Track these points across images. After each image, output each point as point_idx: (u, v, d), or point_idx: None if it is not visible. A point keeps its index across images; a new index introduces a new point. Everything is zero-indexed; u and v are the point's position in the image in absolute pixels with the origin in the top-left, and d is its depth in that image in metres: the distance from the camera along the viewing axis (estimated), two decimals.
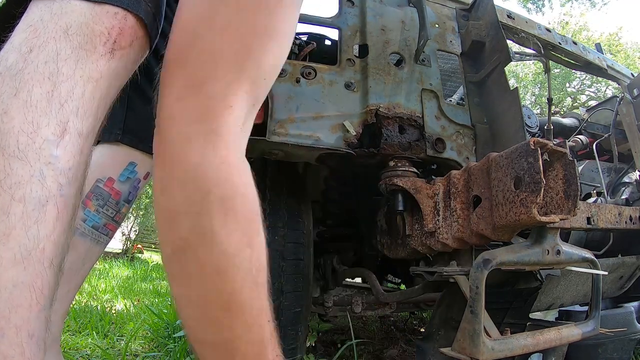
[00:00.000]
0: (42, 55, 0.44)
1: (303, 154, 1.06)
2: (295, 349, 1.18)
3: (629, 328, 1.13)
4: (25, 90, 0.43)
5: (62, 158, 0.44)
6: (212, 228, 0.46)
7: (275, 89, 0.99)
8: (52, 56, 0.44)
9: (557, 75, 11.90)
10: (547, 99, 1.38)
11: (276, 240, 1.18)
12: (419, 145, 1.06)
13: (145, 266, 6.38)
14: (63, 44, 0.45)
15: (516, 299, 1.08)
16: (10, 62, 0.43)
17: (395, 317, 2.55)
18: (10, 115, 0.41)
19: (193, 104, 0.47)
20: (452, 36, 1.24)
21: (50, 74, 0.44)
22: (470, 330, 0.71)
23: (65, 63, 0.45)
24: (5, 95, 0.42)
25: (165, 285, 4.24)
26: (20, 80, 0.43)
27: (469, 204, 0.82)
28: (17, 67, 0.43)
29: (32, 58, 0.44)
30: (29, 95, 0.43)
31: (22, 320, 0.41)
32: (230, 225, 0.47)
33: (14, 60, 0.43)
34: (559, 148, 0.74)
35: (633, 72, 1.89)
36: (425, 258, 1.03)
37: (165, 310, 1.97)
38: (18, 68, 0.43)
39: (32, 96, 0.43)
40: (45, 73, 0.44)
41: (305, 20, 1.13)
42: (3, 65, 0.43)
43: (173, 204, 0.47)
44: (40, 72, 0.43)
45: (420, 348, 1.06)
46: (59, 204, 0.44)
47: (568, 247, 0.81)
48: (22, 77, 0.43)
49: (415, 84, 1.11)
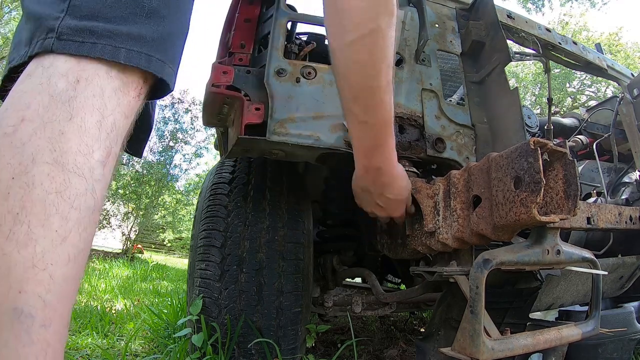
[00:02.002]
0: (89, 89, 0.53)
1: (303, 154, 1.06)
2: (295, 349, 1.18)
3: (629, 328, 1.13)
4: (79, 117, 0.51)
5: (106, 176, 0.55)
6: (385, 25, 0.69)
7: (276, 88, 0.99)
8: (99, 92, 0.54)
9: (557, 75, 11.90)
10: (547, 99, 1.38)
11: (276, 240, 1.18)
12: (419, 145, 1.06)
13: (145, 266, 6.38)
14: (106, 82, 0.55)
15: (516, 299, 1.08)
16: (60, 88, 0.51)
17: (395, 317, 2.55)
18: (67, 137, 0.50)
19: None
20: (452, 36, 1.24)
21: (99, 107, 0.53)
22: (470, 330, 0.71)
23: (109, 100, 0.55)
24: (61, 118, 0.50)
25: (165, 285, 4.24)
26: (74, 108, 0.51)
27: (469, 204, 0.82)
28: (68, 94, 0.51)
29: (80, 89, 0.52)
30: (82, 121, 0.51)
31: (65, 311, 0.49)
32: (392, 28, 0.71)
33: (63, 87, 0.51)
34: (559, 148, 0.74)
35: (633, 72, 1.89)
36: (425, 258, 1.03)
37: (165, 310, 1.97)
38: (69, 95, 0.51)
39: (85, 123, 0.52)
40: (95, 105, 0.53)
41: (305, 20, 1.13)
42: (53, 88, 0.51)
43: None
44: (90, 104, 0.52)
45: (420, 348, 1.06)
46: (99, 212, 0.54)
47: (568, 247, 0.81)
48: (74, 105, 0.51)
49: (415, 83, 1.11)
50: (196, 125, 11.34)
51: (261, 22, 1.16)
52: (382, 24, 0.68)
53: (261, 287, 1.14)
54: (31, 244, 0.45)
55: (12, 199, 0.46)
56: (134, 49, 0.57)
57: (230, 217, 1.19)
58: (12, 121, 0.49)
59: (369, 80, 0.73)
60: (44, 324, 0.46)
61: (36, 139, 0.48)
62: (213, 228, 1.18)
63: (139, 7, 0.58)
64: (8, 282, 0.44)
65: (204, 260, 1.15)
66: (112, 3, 0.56)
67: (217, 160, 1.66)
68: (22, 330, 0.44)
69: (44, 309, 0.46)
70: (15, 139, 0.48)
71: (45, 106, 0.50)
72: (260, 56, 1.11)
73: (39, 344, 0.45)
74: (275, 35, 1.04)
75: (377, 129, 0.78)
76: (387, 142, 0.81)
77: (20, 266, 0.44)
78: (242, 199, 1.21)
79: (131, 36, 0.57)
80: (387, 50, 0.71)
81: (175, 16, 0.63)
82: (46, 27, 0.54)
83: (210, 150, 12.75)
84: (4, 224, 0.45)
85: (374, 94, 0.74)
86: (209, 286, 1.13)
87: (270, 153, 1.05)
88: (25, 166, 0.47)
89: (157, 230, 16.47)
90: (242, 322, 1.11)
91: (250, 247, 1.16)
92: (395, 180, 0.87)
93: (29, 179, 0.46)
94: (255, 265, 1.14)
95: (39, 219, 0.46)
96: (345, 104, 0.79)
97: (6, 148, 0.47)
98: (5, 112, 0.50)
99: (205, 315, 1.12)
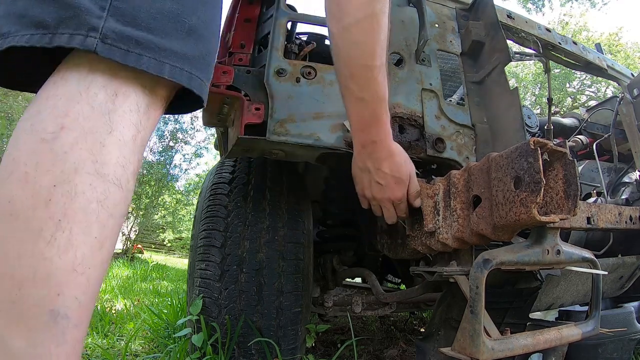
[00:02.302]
0: (126, 104, 0.55)
1: (303, 154, 1.06)
2: (295, 348, 1.18)
3: (629, 328, 1.13)
4: (118, 131, 0.53)
5: (134, 186, 0.58)
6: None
7: (276, 88, 0.99)
8: (135, 108, 0.56)
9: (557, 75, 11.90)
10: (547, 99, 1.38)
11: (276, 240, 1.18)
12: (419, 145, 1.06)
13: (145, 266, 6.38)
14: (141, 98, 0.57)
15: (516, 299, 1.08)
16: (100, 100, 0.52)
17: (395, 317, 2.55)
18: (107, 149, 0.52)
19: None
20: (452, 36, 1.24)
21: (135, 122, 0.55)
22: (470, 330, 0.71)
23: (143, 116, 0.57)
24: (102, 130, 0.51)
25: (165, 285, 4.25)
26: (113, 121, 0.53)
27: (469, 204, 0.82)
28: (107, 107, 0.53)
29: (119, 102, 0.54)
30: (121, 135, 0.53)
31: (92, 309, 0.52)
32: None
33: (103, 99, 0.52)
34: (559, 148, 0.74)
35: (633, 72, 1.89)
36: (425, 258, 1.03)
37: (165, 310, 1.97)
38: (108, 108, 0.53)
39: (124, 137, 0.54)
40: (132, 120, 0.55)
41: (305, 20, 1.13)
42: (93, 99, 0.52)
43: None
44: (127, 119, 0.54)
45: (420, 348, 1.06)
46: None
47: (568, 247, 0.81)
48: (114, 118, 0.53)
49: (415, 83, 1.11)
50: (196, 125, 11.36)
51: (261, 22, 1.16)
52: (376, 10, 0.78)
53: (261, 287, 1.14)
54: (72, 249, 0.47)
55: (53, 206, 0.47)
56: (177, 65, 0.58)
57: (230, 217, 1.19)
58: (51, 127, 0.49)
59: (364, 60, 0.81)
60: (77, 324, 0.48)
61: (78, 149, 0.49)
62: (213, 228, 1.18)
63: (180, 23, 0.59)
64: (47, 285, 0.46)
65: (204, 260, 1.15)
66: (155, 13, 0.56)
67: (217, 160, 1.66)
68: (58, 331, 0.46)
69: (79, 310, 0.48)
70: (55, 146, 0.49)
71: (86, 117, 0.51)
72: (260, 56, 1.11)
73: (71, 342, 0.47)
74: (275, 35, 1.04)
75: (372, 105, 0.85)
76: (382, 118, 0.87)
77: (60, 271, 0.46)
78: (242, 199, 1.21)
79: (174, 52, 0.58)
80: (381, 34, 0.80)
81: (210, 36, 0.65)
82: (87, 22, 0.51)
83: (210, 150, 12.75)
84: (45, 230, 0.46)
85: (370, 71, 0.82)
86: (209, 286, 1.13)
87: (270, 153, 1.05)
88: (67, 175, 0.48)
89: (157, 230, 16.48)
90: (242, 322, 1.11)
91: (250, 247, 1.16)
92: (392, 155, 0.91)
93: (72, 188, 0.48)
94: (255, 265, 1.14)
95: (81, 227, 0.48)
96: (344, 81, 0.86)
97: (45, 154, 0.48)
98: (39, 116, 0.50)
99: (205, 315, 1.12)
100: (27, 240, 0.46)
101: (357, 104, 0.86)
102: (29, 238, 0.46)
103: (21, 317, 0.44)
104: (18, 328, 0.44)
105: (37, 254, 0.46)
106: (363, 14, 0.77)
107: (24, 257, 0.45)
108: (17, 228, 0.46)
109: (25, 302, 0.45)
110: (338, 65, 0.86)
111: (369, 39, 0.80)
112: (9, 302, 0.44)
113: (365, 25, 0.78)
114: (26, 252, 0.45)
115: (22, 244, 0.46)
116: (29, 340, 0.44)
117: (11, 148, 0.50)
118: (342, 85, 0.87)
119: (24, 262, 0.45)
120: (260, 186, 1.25)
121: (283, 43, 1.05)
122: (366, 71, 0.82)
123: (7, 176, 0.48)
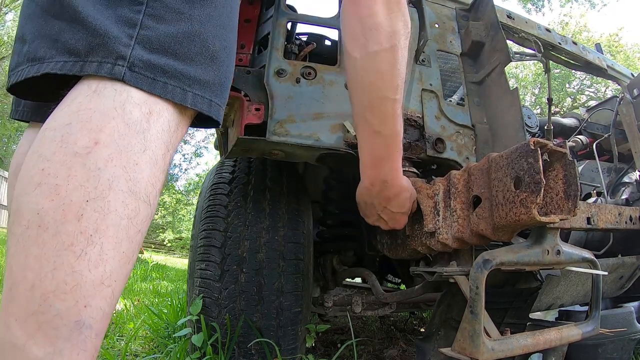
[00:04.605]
0: (159, 123, 0.56)
1: (303, 154, 1.06)
2: (295, 349, 1.18)
3: (629, 328, 1.13)
4: (151, 150, 0.54)
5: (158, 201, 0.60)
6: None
7: (276, 89, 0.99)
8: (167, 127, 0.57)
9: (557, 76, 11.91)
10: (547, 99, 1.38)
11: (276, 240, 1.18)
12: (419, 146, 1.06)
13: (145, 266, 6.37)
14: (172, 118, 0.58)
15: (516, 299, 1.08)
16: (135, 118, 0.53)
17: (395, 317, 2.55)
18: (141, 167, 0.53)
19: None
20: (452, 36, 1.24)
21: (165, 142, 0.57)
22: (470, 330, 0.71)
23: (173, 135, 0.59)
24: (136, 149, 0.52)
25: (165, 285, 4.24)
26: (147, 140, 0.54)
27: (469, 204, 0.82)
28: (142, 125, 0.53)
29: (153, 121, 0.55)
30: (153, 154, 0.55)
31: (111, 314, 0.54)
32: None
33: (138, 117, 0.53)
34: (559, 148, 0.74)
35: (633, 72, 1.89)
36: (425, 258, 1.03)
37: (165, 310, 1.97)
38: (143, 127, 0.54)
39: (156, 156, 0.55)
40: (163, 139, 0.56)
41: (305, 20, 1.13)
42: (129, 117, 0.52)
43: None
44: (160, 138, 0.56)
45: (420, 348, 1.06)
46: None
47: (568, 247, 0.81)
48: (148, 137, 0.54)
49: (415, 84, 1.11)
50: None
51: (261, 23, 1.16)
52: (401, 42, 0.77)
53: (261, 287, 1.14)
54: (102, 264, 0.48)
55: (85, 220, 0.48)
56: (199, 93, 0.60)
57: (230, 217, 1.19)
58: (84, 142, 0.49)
59: (385, 91, 0.79)
60: (98, 334, 0.49)
61: (112, 166, 0.50)
62: (213, 228, 1.18)
63: (205, 48, 0.60)
64: (75, 297, 0.46)
65: (204, 260, 1.15)
66: (181, 39, 0.58)
67: (217, 160, 1.66)
68: (81, 341, 0.47)
69: (102, 320, 0.50)
70: (89, 161, 0.49)
71: (122, 134, 0.51)
72: (260, 56, 1.11)
73: (91, 350, 0.48)
74: (275, 35, 1.05)
75: (388, 140, 0.83)
76: (396, 155, 0.85)
77: (89, 284, 0.47)
78: (242, 199, 1.21)
79: (197, 80, 0.60)
80: (403, 66, 0.79)
81: (230, 61, 0.67)
82: (115, 51, 0.53)
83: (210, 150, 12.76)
84: (76, 244, 0.47)
85: (390, 104, 0.79)
86: (209, 286, 1.13)
87: (270, 153, 1.05)
88: (101, 191, 0.49)
89: (157, 230, 16.48)
90: (242, 322, 1.11)
91: (250, 247, 1.16)
92: (400, 193, 0.89)
93: (105, 205, 0.49)
94: (255, 265, 1.14)
95: (111, 242, 0.49)
96: (361, 112, 0.83)
97: (78, 169, 0.48)
98: (70, 128, 0.50)
99: (205, 315, 1.12)
100: (56, 252, 0.46)
101: (372, 138, 0.83)
102: (57, 251, 0.46)
103: (45, 327, 0.45)
104: (42, 338, 0.45)
105: (67, 267, 0.46)
106: (390, 43, 0.76)
107: (52, 269, 0.46)
108: (45, 240, 0.46)
109: (49, 312, 0.45)
110: (356, 93, 0.82)
111: (393, 69, 0.77)
112: (33, 312, 0.45)
113: (390, 55, 0.76)
114: (54, 264, 0.46)
115: (49, 256, 0.46)
116: (52, 349, 0.45)
117: (36, 156, 0.49)
118: (358, 116, 0.84)
119: (50, 274, 0.45)
120: (260, 186, 1.25)
121: (283, 43, 1.05)
122: (386, 104, 0.79)
123: (35, 187, 0.48)
